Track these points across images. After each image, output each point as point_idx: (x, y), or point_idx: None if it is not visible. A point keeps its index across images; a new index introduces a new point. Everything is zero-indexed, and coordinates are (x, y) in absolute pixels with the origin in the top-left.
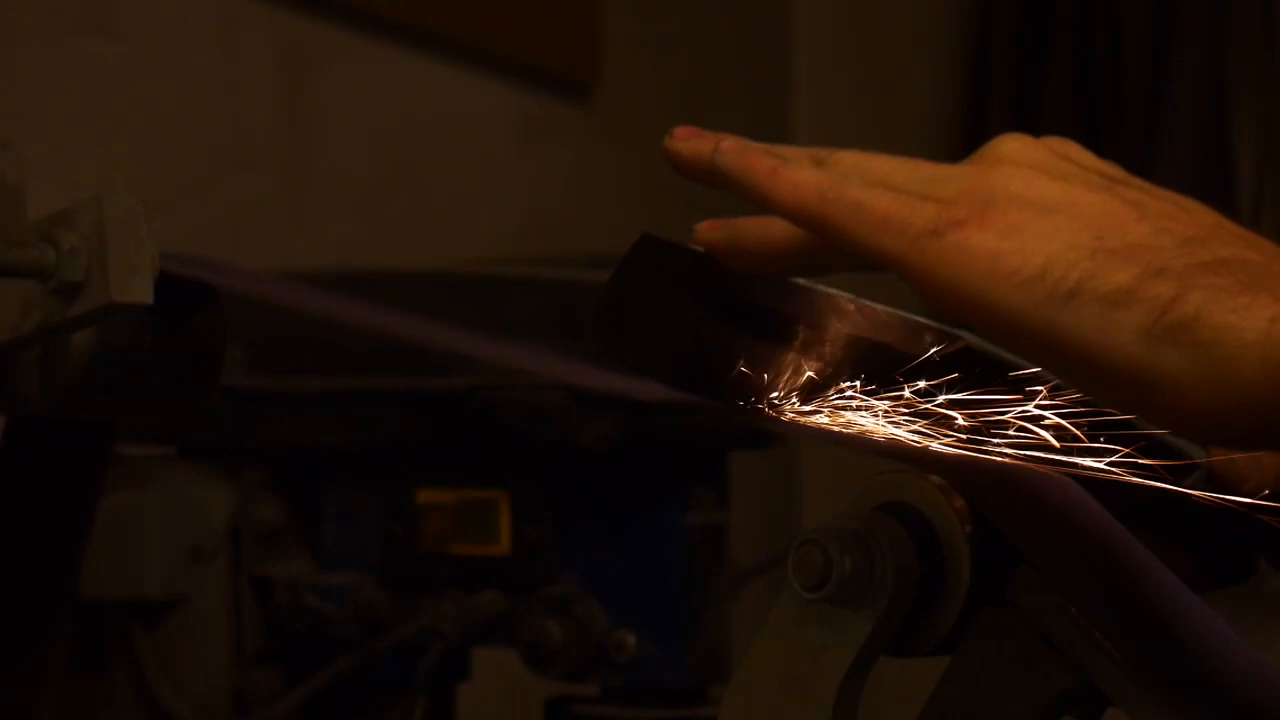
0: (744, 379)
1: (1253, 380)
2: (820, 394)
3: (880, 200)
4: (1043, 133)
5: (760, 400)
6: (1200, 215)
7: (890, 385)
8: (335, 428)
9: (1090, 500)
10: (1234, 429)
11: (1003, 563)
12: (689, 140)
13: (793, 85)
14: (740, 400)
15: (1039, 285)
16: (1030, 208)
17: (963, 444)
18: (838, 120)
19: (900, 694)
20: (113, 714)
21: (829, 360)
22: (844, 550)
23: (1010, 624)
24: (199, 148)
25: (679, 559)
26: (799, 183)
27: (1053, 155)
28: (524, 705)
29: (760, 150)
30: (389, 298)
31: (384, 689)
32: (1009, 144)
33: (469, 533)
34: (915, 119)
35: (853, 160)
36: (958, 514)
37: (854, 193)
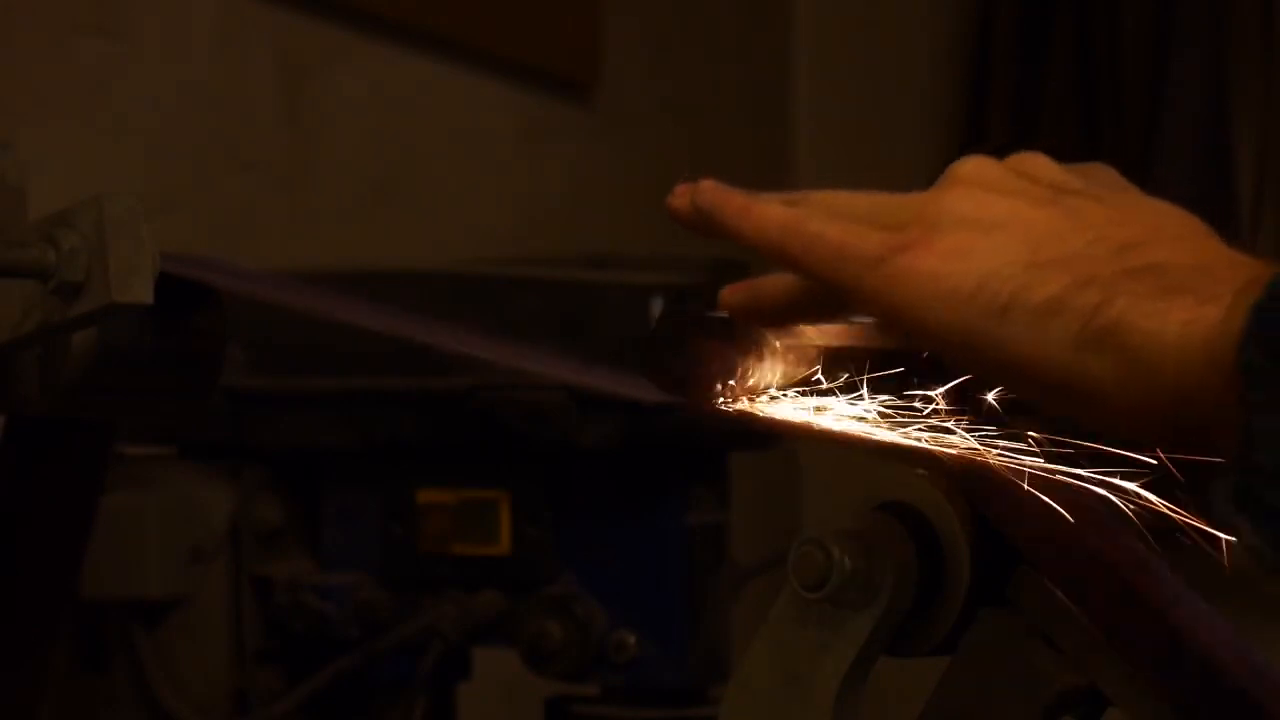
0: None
1: (1170, 383)
2: (823, 394)
3: (833, 231)
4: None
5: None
6: (1147, 219)
7: (888, 385)
8: (335, 428)
9: (1089, 499)
10: (1157, 430)
11: (1003, 563)
12: (683, 195)
13: (793, 85)
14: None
15: (975, 302)
16: (975, 228)
17: (958, 444)
18: (838, 120)
19: (900, 694)
20: (113, 714)
21: (827, 362)
22: (844, 550)
23: (1010, 624)
24: (199, 148)
25: (679, 559)
26: (765, 217)
27: (1006, 173)
28: (524, 705)
29: (734, 191)
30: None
31: (384, 689)
32: (965, 166)
33: (469, 533)
34: (915, 119)
35: (819, 197)
36: (958, 514)
37: (812, 225)
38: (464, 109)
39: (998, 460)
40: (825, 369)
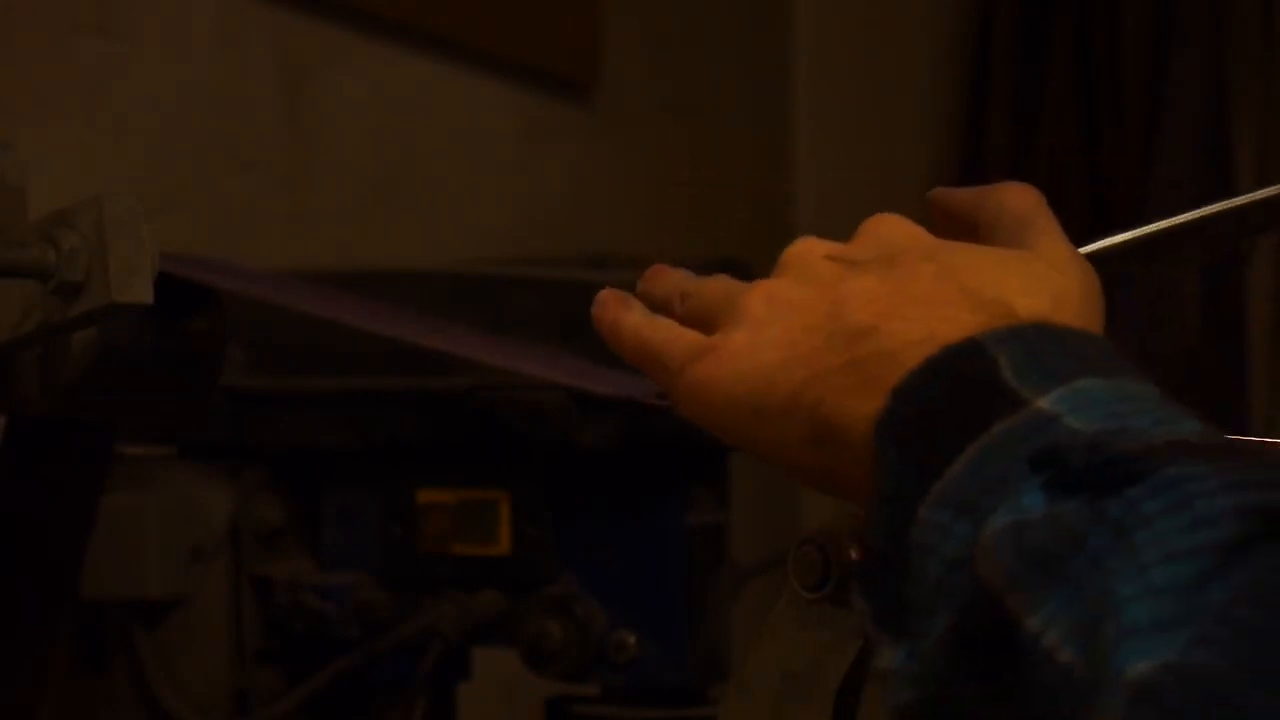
0: None
1: (867, 469)
2: None
3: (653, 336)
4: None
5: None
6: (923, 288)
7: None
8: (335, 428)
9: None
10: None
11: None
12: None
13: (793, 85)
14: None
15: (740, 407)
16: (758, 326)
17: None
18: (838, 120)
19: None
20: (113, 714)
21: None
22: (844, 550)
23: None
24: (199, 148)
25: (679, 559)
26: (620, 326)
27: (818, 258)
28: (524, 705)
29: (615, 300)
30: (389, 298)
31: (384, 689)
32: (790, 249)
33: (469, 533)
34: (915, 119)
35: (694, 287)
36: None
37: (644, 331)
38: (464, 109)
39: None
40: None
